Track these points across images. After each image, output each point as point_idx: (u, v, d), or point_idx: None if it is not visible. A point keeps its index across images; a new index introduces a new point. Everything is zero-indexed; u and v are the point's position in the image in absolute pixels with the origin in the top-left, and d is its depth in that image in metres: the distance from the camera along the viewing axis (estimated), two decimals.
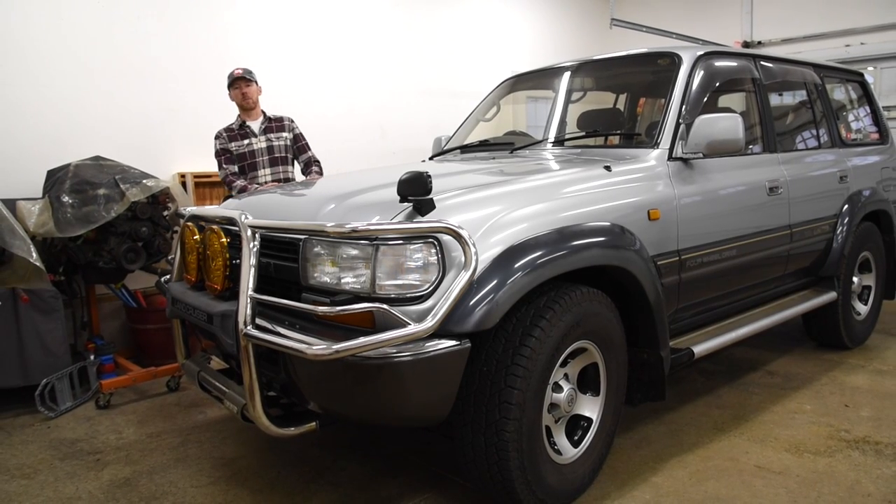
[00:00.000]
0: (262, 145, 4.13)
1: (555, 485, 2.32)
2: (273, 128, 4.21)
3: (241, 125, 4.15)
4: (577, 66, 3.65)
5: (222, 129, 4.16)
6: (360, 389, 2.02)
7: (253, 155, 4.11)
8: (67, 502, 2.64)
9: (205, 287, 2.53)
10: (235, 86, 4.09)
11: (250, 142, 4.12)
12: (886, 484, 2.58)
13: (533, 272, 2.11)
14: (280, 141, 4.17)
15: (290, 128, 4.28)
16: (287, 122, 4.29)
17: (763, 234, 3.28)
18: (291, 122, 4.32)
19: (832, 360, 4.06)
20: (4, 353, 3.52)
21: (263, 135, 4.15)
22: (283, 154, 4.18)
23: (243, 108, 4.14)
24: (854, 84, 4.64)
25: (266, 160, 4.13)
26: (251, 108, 4.13)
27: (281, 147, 4.17)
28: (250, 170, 4.11)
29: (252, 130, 4.15)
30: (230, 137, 4.13)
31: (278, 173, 4.14)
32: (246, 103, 4.11)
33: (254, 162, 4.12)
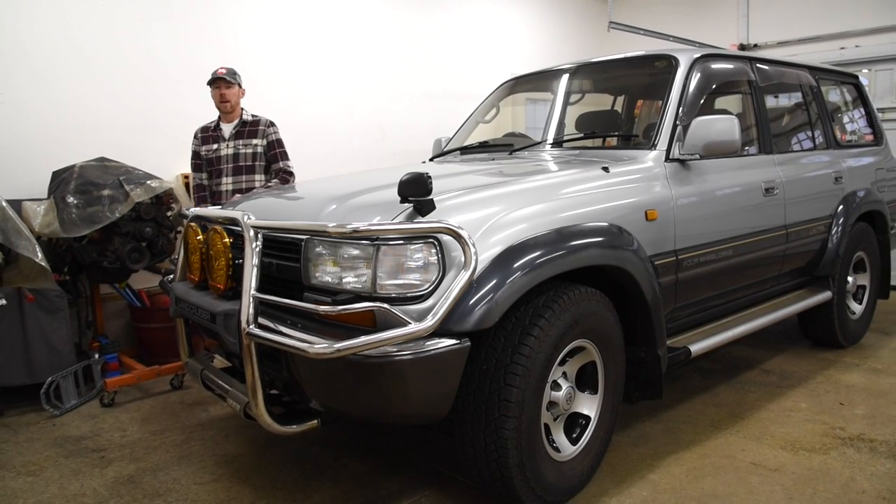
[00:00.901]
0: (228, 152, 3.89)
1: (553, 482, 2.32)
2: (245, 133, 3.94)
3: (216, 126, 3.96)
4: (575, 69, 3.65)
5: (199, 129, 3.98)
6: (361, 388, 2.02)
7: (219, 161, 3.90)
8: (72, 499, 2.64)
9: (208, 287, 2.53)
10: (215, 85, 3.89)
11: (218, 147, 3.91)
12: (881, 481, 2.58)
13: (532, 272, 2.11)
14: (248, 148, 3.90)
15: (264, 133, 3.98)
16: (263, 128, 3.99)
17: (759, 235, 3.28)
18: (269, 126, 4.03)
19: (827, 359, 4.06)
20: (10, 352, 3.52)
21: (232, 140, 3.91)
22: (248, 162, 3.90)
23: (220, 111, 3.96)
24: (849, 86, 4.64)
25: (230, 168, 3.88)
26: (228, 111, 3.92)
27: (248, 155, 3.90)
28: (215, 176, 3.92)
29: (222, 134, 3.93)
30: (204, 140, 3.96)
31: (241, 182, 3.86)
32: (223, 106, 3.91)
33: (219, 168, 3.91)
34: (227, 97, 3.84)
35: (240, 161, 3.87)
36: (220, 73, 3.85)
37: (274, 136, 3.98)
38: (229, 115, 3.91)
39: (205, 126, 3.98)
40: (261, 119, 3.96)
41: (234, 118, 3.92)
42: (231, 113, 3.90)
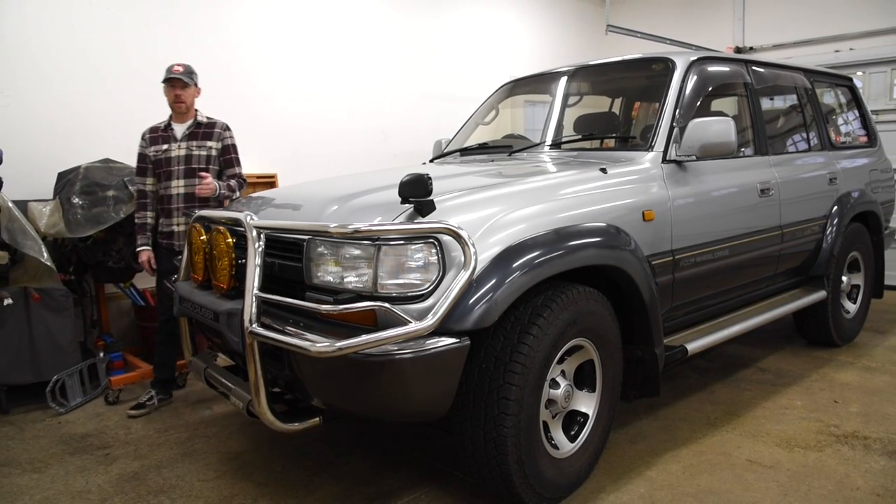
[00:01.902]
0: (180, 153, 3.56)
1: (552, 478, 2.32)
2: (199, 135, 3.62)
3: (167, 127, 3.63)
4: (573, 71, 3.65)
5: (147, 130, 3.64)
6: (362, 386, 2.02)
7: (169, 162, 3.55)
8: (77, 496, 2.64)
9: (211, 286, 2.53)
10: (170, 84, 3.56)
11: (169, 147, 3.56)
12: (875, 478, 2.58)
13: (531, 272, 2.11)
14: (202, 151, 3.58)
15: (219, 137, 3.66)
16: (218, 131, 3.66)
17: (755, 235, 3.28)
18: (225, 130, 3.70)
19: (822, 358, 4.06)
20: (16, 351, 3.52)
21: (185, 141, 3.58)
22: (202, 165, 3.57)
23: (173, 110, 3.62)
24: (843, 88, 4.64)
25: (182, 170, 3.55)
26: (183, 111, 3.60)
27: (201, 157, 3.58)
28: (165, 178, 3.57)
29: (174, 135, 3.60)
30: (152, 140, 3.61)
31: (193, 186, 3.54)
32: (177, 106, 3.58)
33: (169, 171, 3.56)
34: (183, 97, 3.55)
35: (192, 163, 3.55)
36: (177, 71, 3.54)
37: (230, 140, 3.69)
38: (183, 115, 3.61)
39: (154, 126, 3.64)
40: (217, 122, 3.68)
41: (187, 119, 3.63)
42: (185, 114, 3.62)
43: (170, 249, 3.54)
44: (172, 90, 3.54)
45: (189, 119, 3.63)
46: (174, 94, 3.54)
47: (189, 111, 3.62)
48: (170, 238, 3.55)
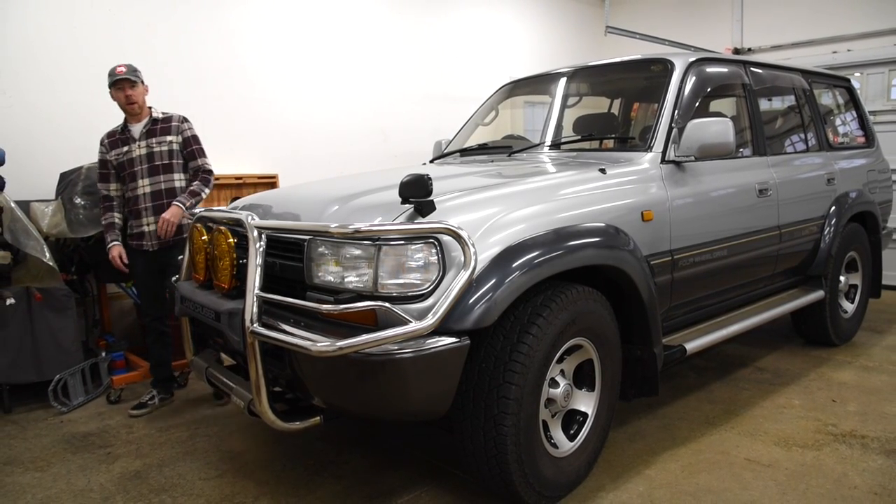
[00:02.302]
0: (141, 152, 3.45)
1: (551, 477, 2.32)
2: (157, 131, 3.49)
3: (123, 129, 3.50)
4: (572, 72, 3.64)
5: (105, 135, 3.52)
6: (363, 385, 2.01)
7: (132, 163, 3.44)
8: (79, 494, 2.64)
9: (213, 286, 2.53)
10: (118, 86, 3.40)
11: (129, 149, 3.45)
12: (872, 476, 2.58)
13: (530, 271, 2.11)
14: (163, 146, 3.47)
15: (178, 130, 3.53)
16: (176, 124, 3.53)
17: (753, 235, 3.28)
18: (183, 122, 3.57)
19: (820, 357, 4.06)
20: (19, 350, 3.52)
21: (144, 139, 3.46)
22: (164, 161, 3.46)
23: (126, 112, 3.48)
24: (841, 89, 4.64)
25: (145, 169, 3.44)
26: (136, 111, 3.46)
27: (163, 153, 3.46)
28: (130, 180, 3.46)
29: (132, 135, 3.47)
30: (111, 144, 3.49)
31: (158, 183, 3.45)
32: (130, 108, 3.43)
33: (133, 171, 3.44)
34: (134, 97, 3.41)
35: (155, 160, 3.45)
36: (121, 72, 3.38)
37: (189, 132, 3.56)
38: (137, 115, 3.48)
39: (110, 131, 3.52)
40: (173, 115, 3.56)
41: (143, 118, 3.50)
42: (139, 113, 3.48)
43: (140, 250, 3.49)
44: (122, 92, 3.40)
45: (144, 118, 3.50)
46: (125, 95, 3.40)
47: (143, 110, 3.50)
48: (140, 239, 3.48)
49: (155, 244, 3.46)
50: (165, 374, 3.65)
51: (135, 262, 3.52)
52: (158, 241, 3.44)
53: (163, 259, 3.47)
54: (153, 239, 3.45)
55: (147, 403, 3.51)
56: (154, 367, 3.65)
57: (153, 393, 3.57)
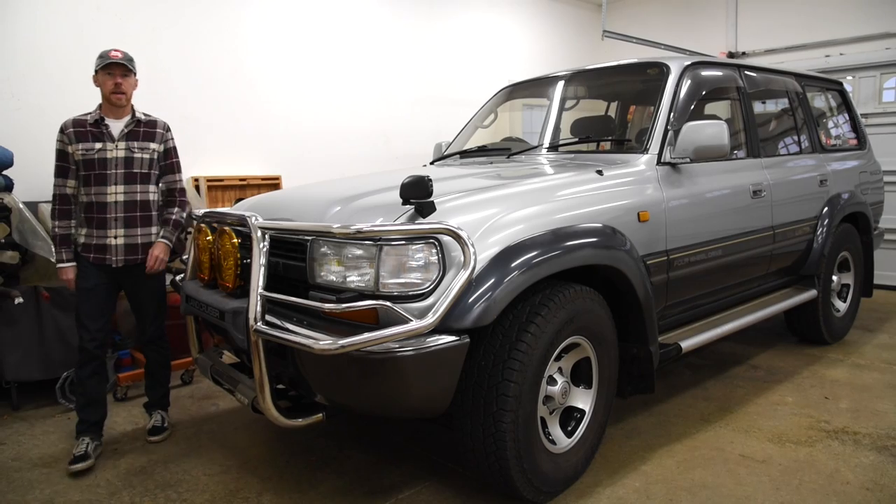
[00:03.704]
0: (118, 154, 2.90)
1: (550, 473, 2.32)
2: (140, 134, 2.97)
3: (98, 122, 2.92)
4: (570, 76, 3.65)
5: (68, 122, 2.92)
6: (364, 382, 2.02)
7: (104, 164, 2.88)
8: (86, 490, 2.64)
9: (217, 285, 2.53)
10: (109, 71, 2.88)
11: (104, 146, 2.89)
12: (864, 472, 2.58)
13: (529, 271, 2.11)
14: (145, 153, 2.96)
15: (162, 138, 3.05)
16: (160, 132, 3.04)
17: (747, 235, 3.28)
18: (167, 130, 3.09)
19: (813, 355, 4.06)
20: (27, 348, 3.52)
21: (124, 140, 2.92)
22: (144, 170, 2.96)
23: (110, 102, 2.92)
24: (833, 92, 4.64)
25: (121, 174, 2.89)
26: (122, 104, 2.93)
27: (145, 161, 2.95)
28: (97, 182, 2.87)
29: (110, 132, 2.91)
30: (78, 136, 2.89)
31: (134, 193, 2.92)
32: (116, 98, 2.89)
33: (103, 174, 2.87)
34: (124, 87, 2.90)
35: (134, 167, 2.92)
36: (116, 56, 2.87)
37: (172, 142, 3.09)
38: (121, 109, 2.95)
39: (79, 119, 2.93)
40: (158, 120, 3.07)
41: (125, 114, 2.97)
42: (123, 108, 2.96)
43: (99, 265, 2.91)
44: (112, 78, 2.88)
45: (127, 115, 2.98)
46: (114, 82, 2.88)
47: (128, 105, 2.98)
48: (101, 252, 2.89)
49: (120, 261, 2.91)
50: (101, 413, 3.01)
51: (86, 276, 2.91)
52: (126, 258, 2.92)
53: (125, 278, 2.98)
54: (119, 254, 2.90)
55: (87, 453, 2.83)
56: (86, 408, 2.95)
57: (87, 441, 2.89)
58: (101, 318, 2.95)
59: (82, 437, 2.91)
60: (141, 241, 2.96)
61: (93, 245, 2.90)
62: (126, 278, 2.99)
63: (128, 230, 2.92)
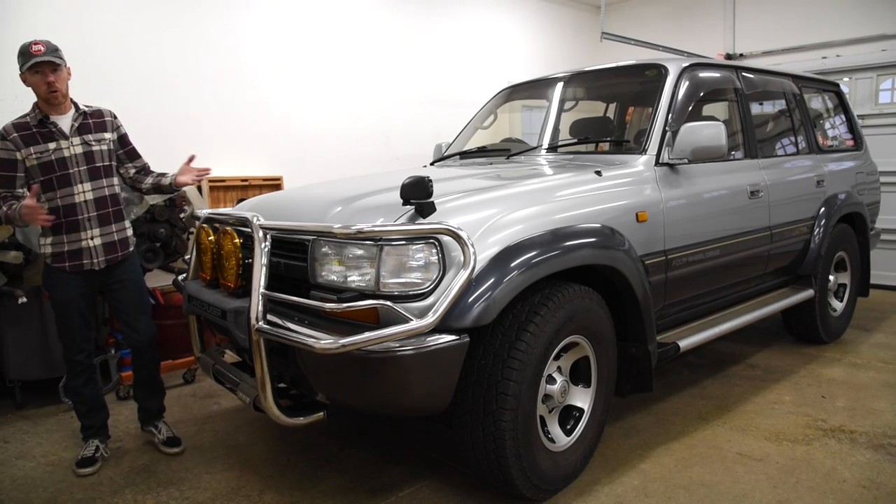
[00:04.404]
0: (76, 151, 2.70)
1: (549, 471, 2.32)
2: (91, 126, 2.78)
3: (43, 121, 2.69)
4: (569, 77, 3.64)
5: (11, 127, 2.67)
6: (365, 381, 2.02)
7: (64, 164, 2.67)
8: (89, 488, 2.64)
9: (219, 285, 2.53)
10: (36, 70, 2.62)
11: (58, 145, 2.67)
12: (861, 470, 2.58)
13: (528, 271, 2.11)
14: (102, 145, 2.78)
15: (113, 126, 2.87)
16: (109, 119, 2.86)
17: (744, 235, 3.28)
18: (114, 118, 2.90)
19: (810, 354, 4.06)
20: (31, 348, 3.52)
21: (78, 136, 2.72)
22: (105, 162, 2.79)
23: (47, 102, 2.69)
24: (830, 94, 4.64)
25: (84, 171, 2.71)
26: (59, 101, 2.70)
27: (104, 153, 2.78)
28: (61, 185, 2.67)
29: (60, 129, 2.70)
30: (25, 139, 2.65)
31: (101, 188, 2.75)
32: (52, 96, 2.66)
33: (66, 174, 2.67)
34: (57, 83, 2.65)
35: (95, 161, 2.74)
36: (38, 51, 2.60)
37: (123, 128, 2.93)
38: (60, 105, 2.72)
39: (20, 122, 2.69)
40: (102, 109, 2.88)
41: (67, 109, 2.75)
42: (63, 103, 2.72)
43: (78, 272, 2.73)
44: (42, 78, 2.63)
45: (69, 109, 2.76)
46: (45, 81, 2.63)
47: (66, 99, 2.75)
48: (78, 258, 2.71)
49: (102, 262, 2.75)
50: (104, 415, 2.96)
51: (66, 287, 2.74)
52: (107, 258, 2.76)
53: (104, 281, 2.81)
54: (99, 255, 2.74)
55: (96, 457, 2.82)
56: (88, 414, 2.90)
57: (96, 444, 2.87)
58: (86, 329, 2.82)
59: (91, 440, 2.88)
60: (118, 237, 2.80)
61: (66, 252, 2.70)
62: (106, 280, 2.81)
63: (103, 228, 2.75)
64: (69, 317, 2.76)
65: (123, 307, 2.89)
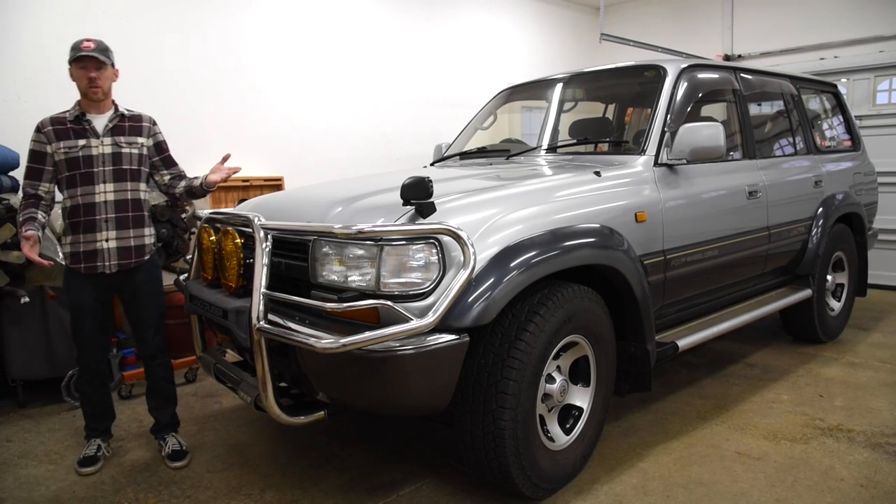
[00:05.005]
0: (104, 150, 2.67)
1: (548, 470, 2.32)
2: (126, 129, 2.74)
3: (79, 118, 2.68)
4: (568, 78, 3.65)
5: (48, 121, 2.69)
6: (365, 380, 2.02)
7: (90, 162, 2.64)
8: (91, 486, 2.64)
9: (220, 285, 2.53)
10: (81, 64, 2.63)
11: (88, 143, 2.65)
12: (858, 469, 2.58)
13: (528, 271, 2.11)
14: (133, 148, 2.73)
15: (150, 132, 2.82)
16: (147, 125, 2.82)
17: (743, 236, 3.28)
18: (153, 124, 2.86)
19: (808, 354, 4.06)
20: (33, 347, 3.52)
21: (110, 136, 2.69)
22: (133, 166, 2.73)
23: (87, 97, 2.68)
24: (828, 94, 4.64)
25: (109, 172, 2.66)
26: (99, 98, 2.68)
27: (133, 157, 2.72)
28: (83, 182, 2.63)
29: (93, 128, 2.68)
30: (58, 134, 2.65)
31: (125, 191, 2.69)
32: (92, 92, 2.65)
33: (90, 172, 2.64)
34: (99, 81, 2.64)
35: (123, 163, 2.69)
36: (88, 48, 2.61)
37: (161, 135, 2.89)
38: (100, 104, 2.70)
39: (57, 117, 2.70)
40: (143, 115, 2.84)
41: (106, 109, 2.73)
42: (102, 102, 2.71)
43: (91, 275, 2.67)
44: (85, 72, 2.63)
45: (108, 109, 2.74)
46: (87, 77, 2.63)
47: (106, 99, 2.73)
48: (92, 259, 2.65)
49: (114, 266, 2.67)
50: (110, 418, 2.94)
51: (81, 291, 2.70)
52: (119, 262, 2.69)
53: (121, 286, 2.76)
54: (111, 259, 2.67)
55: (98, 456, 2.80)
56: (95, 416, 2.88)
57: (98, 443, 2.85)
58: (102, 336, 2.79)
59: (93, 440, 2.86)
60: (134, 243, 2.72)
61: (81, 253, 2.65)
62: (122, 287, 2.76)
63: (120, 232, 2.68)
64: (83, 321, 2.72)
65: (134, 316, 2.85)
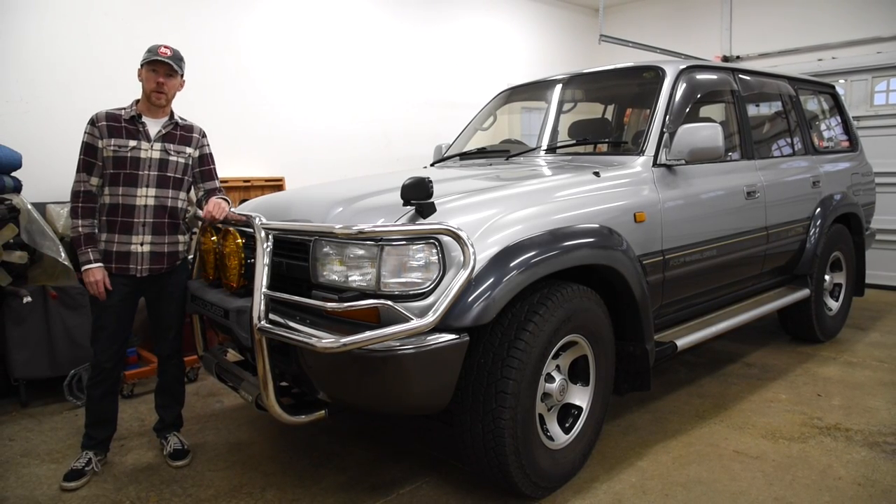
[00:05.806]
0: (153, 155, 2.66)
1: (548, 468, 2.32)
2: (177, 137, 2.74)
3: (135, 118, 2.67)
4: (568, 79, 3.65)
5: (101, 115, 2.66)
6: (366, 380, 2.02)
7: (137, 164, 2.62)
8: (93, 485, 2.63)
9: (222, 285, 2.53)
10: (153, 68, 2.64)
11: (139, 145, 2.64)
12: (856, 468, 2.58)
13: (527, 271, 2.11)
14: (181, 157, 2.73)
15: (198, 143, 2.81)
16: (197, 136, 2.81)
17: (741, 236, 3.28)
18: (203, 136, 2.85)
19: (806, 353, 4.06)
20: (35, 347, 3.52)
21: (160, 142, 2.68)
22: (178, 175, 2.72)
23: (150, 101, 2.68)
24: (826, 95, 4.64)
25: (153, 177, 2.64)
26: (162, 104, 2.69)
27: (179, 166, 2.72)
28: (126, 183, 2.61)
29: (146, 131, 2.67)
30: (111, 130, 2.63)
31: (165, 198, 2.67)
32: (157, 97, 2.65)
33: (135, 175, 2.62)
34: (165, 87, 2.66)
35: (168, 170, 2.68)
36: (164, 54, 2.64)
37: (208, 148, 2.86)
38: (160, 109, 2.71)
39: (112, 113, 2.67)
40: (195, 125, 2.84)
41: (164, 115, 2.74)
42: (163, 108, 2.72)
43: (122, 276, 2.63)
44: (155, 76, 2.64)
45: (165, 115, 2.75)
46: (157, 80, 2.64)
47: (167, 106, 2.75)
48: (124, 261, 2.63)
49: (146, 270, 2.65)
50: (111, 430, 2.83)
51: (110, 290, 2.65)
52: (150, 267, 2.66)
53: (147, 288, 2.73)
54: (144, 263, 2.64)
55: (85, 471, 2.68)
56: (95, 425, 2.76)
57: (90, 456, 2.73)
58: (122, 336, 2.71)
59: (86, 451, 2.74)
60: (167, 249, 2.69)
61: (114, 252, 2.63)
62: (149, 289, 2.73)
63: (155, 237, 2.65)
64: (105, 320, 2.67)
65: (156, 319, 2.82)
